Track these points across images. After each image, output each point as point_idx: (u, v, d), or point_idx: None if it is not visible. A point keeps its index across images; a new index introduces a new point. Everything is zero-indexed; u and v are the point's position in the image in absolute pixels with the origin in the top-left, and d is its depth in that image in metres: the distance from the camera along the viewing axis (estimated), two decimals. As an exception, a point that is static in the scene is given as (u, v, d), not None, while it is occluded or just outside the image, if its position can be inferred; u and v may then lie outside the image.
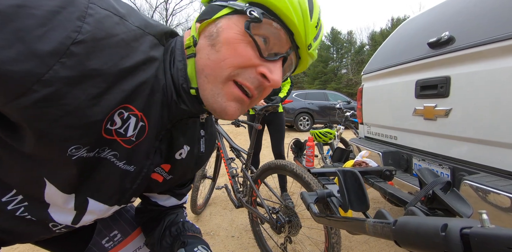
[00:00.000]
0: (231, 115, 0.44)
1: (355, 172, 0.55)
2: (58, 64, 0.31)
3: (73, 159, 0.38)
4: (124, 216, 0.73)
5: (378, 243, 1.77)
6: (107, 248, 0.67)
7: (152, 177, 0.55)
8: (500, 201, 0.88)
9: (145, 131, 0.44)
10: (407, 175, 1.53)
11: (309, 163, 1.91)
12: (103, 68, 0.34)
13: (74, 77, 0.32)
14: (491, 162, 1.07)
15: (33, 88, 0.30)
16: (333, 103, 6.68)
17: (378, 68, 1.90)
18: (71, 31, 0.31)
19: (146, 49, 0.40)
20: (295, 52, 0.46)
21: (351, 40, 29.08)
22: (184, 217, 0.70)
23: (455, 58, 1.23)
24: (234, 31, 0.40)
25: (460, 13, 1.35)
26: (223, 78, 0.41)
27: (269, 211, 1.40)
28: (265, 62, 0.42)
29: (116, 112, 0.39)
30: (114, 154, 0.43)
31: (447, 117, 1.26)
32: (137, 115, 0.41)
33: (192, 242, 0.59)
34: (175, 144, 0.53)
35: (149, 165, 0.49)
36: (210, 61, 0.41)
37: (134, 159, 0.45)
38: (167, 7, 20.47)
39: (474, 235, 0.19)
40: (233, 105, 0.44)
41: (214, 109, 0.44)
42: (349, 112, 3.21)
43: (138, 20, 0.40)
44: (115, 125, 0.40)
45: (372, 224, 0.35)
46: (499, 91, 1.03)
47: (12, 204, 0.43)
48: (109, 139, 0.40)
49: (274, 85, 0.43)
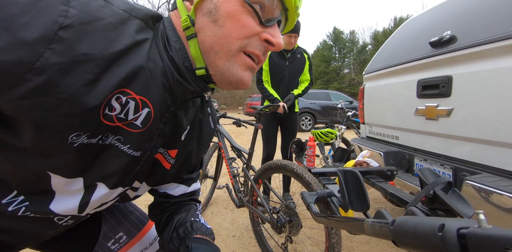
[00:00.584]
0: (247, 84, 0.46)
1: (356, 172, 0.55)
2: (48, 51, 0.30)
3: (75, 146, 0.37)
4: (129, 217, 0.72)
5: (379, 243, 1.76)
6: (113, 250, 0.67)
7: (158, 159, 0.54)
8: (503, 202, 0.87)
9: (151, 116, 0.44)
10: (408, 175, 1.52)
11: (310, 162, 1.90)
12: (94, 53, 0.34)
13: (65, 63, 0.32)
14: (493, 162, 1.06)
15: (26, 78, 0.30)
16: (335, 103, 6.67)
17: (379, 68, 1.90)
18: (57, 16, 0.31)
19: (133, 32, 0.39)
20: (285, 14, 0.48)
21: (353, 40, 28.99)
22: (195, 216, 0.67)
23: (457, 58, 1.22)
24: (232, 3, 0.41)
25: (462, 13, 1.34)
26: (234, 52, 0.43)
27: (270, 210, 1.40)
28: (266, 28, 0.44)
29: (113, 97, 0.38)
30: (118, 138, 0.42)
31: (449, 117, 1.26)
32: (136, 99, 0.41)
33: (197, 247, 0.55)
34: (179, 125, 0.53)
35: (152, 147, 0.48)
36: (217, 37, 0.42)
37: (138, 143, 0.45)
38: (169, 7, 20.56)
39: (471, 236, 0.19)
40: (248, 74, 0.46)
41: (230, 82, 0.46)
42: (351, 112, 3.20)
43: (123, 3, 0.40)
44: (115, 111, 0.39)
45: (370, 224, 0.35)
46: (502, 91, 1.02)
47: (13, 205, 0.43)
48: (111, 125, 0.40)
49: (278, 48, 0.45)
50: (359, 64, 25.78)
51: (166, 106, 0.46)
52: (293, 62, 2.32)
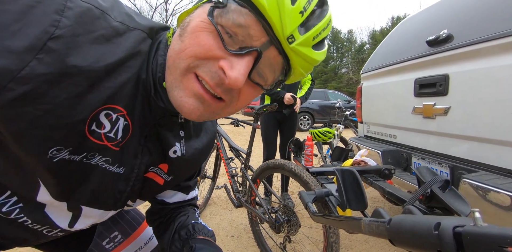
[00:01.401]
0: (187, 113, 0.38)
1: (353, 171, 0.55)
2: (35, 61, 0.29)
3: (54, 161, 0.36)
4: (125, 217, 0.72)
5: (377, 242, 1.76)
6: (108, 249, 0.66)
7: (150, 177, 0.52)
8: (500, 200, 0.87)
9: (129, 129, 0.42)
10: (406, 173, 1.53)
11: (308, 162, 1.90)
12: (83, 65, 0.32)
13: (52, 75, 0.30)
14: (491, 160, 1.06)
15: (8, 87, 0.29)
16: (334, 103, 6.67)
17: (377, 67, 1.90)
18: (49, 26, 0.30)
19: (131, 44, 0.38)
20: (279, 49, 0.37)
21: (351, 39, 29.08)
22: (195, 218, 0.66)
23: (453, 56, 1.22)
24: (199, 19, 0.36)
25: (459, 11, 1.35)
26: (182, 70, 0.37)
27: (268, 210, 1.40)
28: (230, 55, 0.35)
29: (102, 113, 0.37)
30: (107, 160, 0.41)
31: (446, 116, 1.26)
32: (124, 115, 0.40)
33: (201, 247, 0.54)
34: (165, 141, 0.50)
35: (139, 165, 0.46)
36: (173, 51, 0.37)
37: (123, 160, 0.44)
38: (167, 8, 20.51)
39: (467, 234, 0.19)
40: (190, 102, 0.38)
41: (174, 105, 0.39)
42: (349, 111, 3.20)
43: (121, 14, 0.38)
44: (104, 128, 0.38)
45: (367, 223, 0.35)
46: (498, 89, 1.02)
47: (7, 206, 0.42)
48: (99, 143, 0.38)
49: (232, 84, 0.35)
50: (357, 64, 25.84)
51: (145, 120, 0.44)
52: None
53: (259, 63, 0.37)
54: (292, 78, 0.43)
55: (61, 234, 0.50)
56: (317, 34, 0.37)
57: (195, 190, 0.71)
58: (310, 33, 0.36)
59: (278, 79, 0.42)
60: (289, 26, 0.34)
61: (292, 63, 0.39)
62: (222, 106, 0.40)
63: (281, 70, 0.40)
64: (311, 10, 0.36)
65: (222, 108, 0.40)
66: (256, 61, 0.36)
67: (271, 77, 0.40)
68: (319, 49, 0.40)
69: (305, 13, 0.35)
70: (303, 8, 0.35)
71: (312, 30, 0.36)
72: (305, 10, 0.35)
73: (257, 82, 0.39)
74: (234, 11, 0.34)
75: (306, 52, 0.37)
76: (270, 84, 0.42)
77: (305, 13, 0.35)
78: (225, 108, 0.41)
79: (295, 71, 0.41)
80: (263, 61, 0.37)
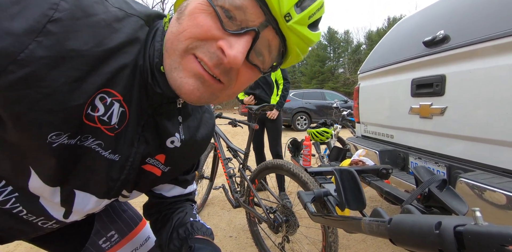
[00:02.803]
0: (187, 93, 0.38)
1: (352, 171, 0.55)
2: (34, 43, 0.29)
3: (53, 146, 0.36)
4: (122, 216, 0.72)
5: (375, 241, 1.77)
6: (104, 248, 0.66)
7: (148, 170, 0.52)
8: (496, 199, 0.88)
9: (126, 116, 0.42)
10: (403, 173, 1.54)
11: (306, 162, 1.91)
12: (83, 49, 0.33)
13: (52, 58, 0.31)
14: (487, 160, 1.07)
15: (9, 69, 0.29)
16: (331, 103, 6.68)
17: (374, 67, 1.91)
18: (47, 9, 0.30)
19: (130, 30, 0.38)
20: (275, 29, 0.37)
21: (348, 40, 29.16)
22: (193, 215, 0.66)
23: (450, 57, 1.23)
24: (198, 1, 0.36)
25: (455, 12, 1.36)
26: (180, 51, 0.37)
27: (267, 210, 1.40)
28: (228, 35, 0.36)
29: (98, 97, 0.37)
30: (99, 143, 0.41)
31: (443, 116, 1.27)
32: (120, 100, 0.40)
33: (200, 247, 0.54)
34: (162, 131, 0.49)
35: (134, 154, 0.46)
36: (171, 34, 0.38)
37: (118, 147, 0.43)
38: (163, 7, 20.45)
39: (468, 233, 0.19)
40: (191, 83, 0.38)
41: (173, 88, 0.39)
42: (346, 111, 3.22)
43: (118, 1, 0.38)
44: (98, 111, 0.38)
45: (367, 223, 0.35)
46: (494, 89, 1.03)
47: (3, 195, 0.42)
48: (92, 126, 0.38)
49: (232, 62, 0.35)
50: (353, 64, 25.95)
51: (142, 108, 0.44)
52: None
53: (256, 43, 0.37)
54: (289, 60, 0.44)
55: (57, 225, 0.50)
56: (312, 13, 0.38)
57: (193, 185, 0.71)
58: (306, 12, 0.37)
59: (275, 61, 0.42)
60: (286, 5, 0.35)
61: (289, 43, 0.39)
62: (221, 88, 0.40)
63: (277, 51, 0.41)
64: None
65: (221, 90, 0.40)
66: (254, 41, 0.37)
67: (269, 58, 0.41)
68: (314, 30, 0.40)
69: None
70: None
71: (308, 10, 0.37)
72: None
73: (255, 64, 0.40)
74: None
75: (302, 31, 0.38)
76: (268, 67, 0.42)
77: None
78: (224, 90, 0.41)
79: (292, 52, 0.41)
80: (260, 42, 0.38)
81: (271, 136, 2.51)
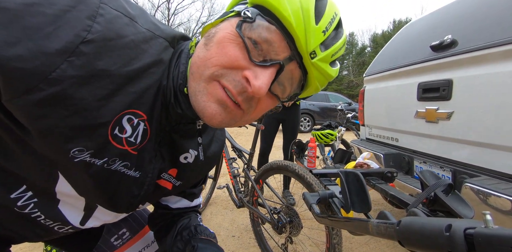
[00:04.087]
0: (209, 117, 0.40)
1: (358, 173, 0.55)
2: (65, 63, 0.31)
3: (76, 161, 0.37)
4: (133, 214, 0.73)
5: (378, 244, 1.77)
6: (116, 246, 0.68)
7: (161, 185, 0.53)
8: (501, 204, 0.88)
9: (147, 134, 0.43)
10: (408, 177, 1.54)
11: (311, 163, 1.91)
12: (112, 69, 0.34)
13: (82, 77, 0.32)
14: (492, 165, 1.07)
15: (40, 87, 0.30)
16: (334, 105, 6.63)
17: (380, 70, 1.91)
18: (81, 30, 0.31)
19: (155, 51, 0.40)
20: (299, 64, 0.40)
21: (352, 42, 29.05)
22: (197, 222, 0.67)
23: (457, 62, 1.23)
24: (227, 31, 0.38)
25: (463, 17, 1.36)
26: (206, 77, 0.39)
27: (271, 211, 1.41)
28: (254, 66, 0.38)
29: (125, 118, 0.38)
30: (125, 165, 0.42)
31: (449, 120, 1.27)
32: (145, 120, 0.41)
33: (203, 247, 0.55)
34: (177, 147, 0.51)
35: (153, 169, 0.48)
36: (198, 58, 0.39)
37: (139, 164, 0.45)
38: (169, 7, 20.46)
39: (478, 235, 0.20)
40: (213, 107, 0.39)
41: (196, 110, 0.41)
42: (351, 114, 3.21)
43: (147, 22, 0.40)
44: (125, 133, 0.39)
45: (375, 225, 0.36)
46: (501, 95, 1.03)
47: (22, 200, 0.43)
48: (120, 148, 0.39)
49: (256, 92, 0.37)
50: (357, 66, 25.84)
51: (161, 126, 0.45)
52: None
53: (280, 75, 0.39)
54: (307, 91, 0.46)
55: (72, 231, 0.51)
56: (334, 52, 0.41)
57: (199, 198, 0.72)
58: (330, 50, 0.40)
59: (294, 92, 0.44)
60: (313, 43, 0.38)
61: (310, 77, 0.42)
62: (241, 114, 0.42)
63: (298, 83, 0.43)
64: (332, 31, 0.40)
65: (241, 116, 0.42)
66: (278, 73, 0.39)
67: (289, 89, 0.43)
68: (334, 66, 0.43)
69: (327, 32, 0.39)
70: (325, 28, 0.39)
71: (331, 48, 0.40)
72: (327, 30, 0.39)
73: (275, 94, 0.42)
74: (261, 26, 0.37)
75: (325, 67, 0.41)
76: (287, 97, 0.44)
77: (327, 32, 0.39)
78: (243, 116, 0.43)
79: (311, 85, 0.43)
80: (284, 74, 0.40)
81: (287, 137, 2.47)
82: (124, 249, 0.68)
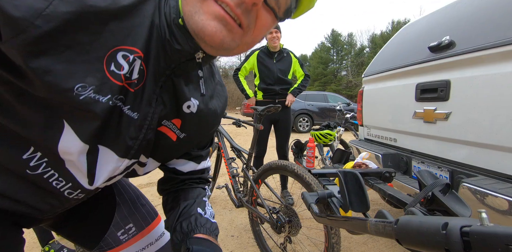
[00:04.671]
0: (211, 34, 0.39)
1: (356, 173, 0.56)
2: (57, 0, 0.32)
3: (81, 98, 0.38)
4: (141, 210, 0.74)
5: (376, 244, 1.78)
6: (122, 240, 0.68)
7: (164, 132, 0.53)
8: (498, 204, 0.89)
9: (144, 75, 0.43)
10: (406, 177, 1.55)
11: (310, 163, 1.92)
12: (101, 5, 0.36)
13: (72, 13, 0.33)
14: (490, 165, 1.08)
15: (35, 24, 0.32)
16: (333, 105, 6.65)
17: (379, 70, 1.92)
18: None
19: None
20: None
21: (351, 42, 29.11)
22: (202, 204, 0.64)
23: (455, 63, 1.24)
24: None
25: (461, 18, 1.37)
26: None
27: (270, 211, 1.41)
28: None
29: (119, 54, 0.39)
30: (121, 98, 0.42)
31: (447, 121, 1.28)
32: (141, 57, 0.42)
33: (198, 249, 0.52)
34: (179, 94, 0.51)
35: (152, 114, 0.47)
36: None
37: (136, 104, 0.45)
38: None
39: (474, 233, 0.20)
40: (213, 24, 0.38)
41: (196, 33, 0.40)
42: (349, 114, 3.22)
43: None
44: (123, 70, 0.40)
45: (374, 223, 0.36)
46: (499, 96, 1.04)
47: (34, 160, 0.43)
48: (119, 85, 0.40)
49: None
50: (356, 67, 25.90)
51: (159, 68, 0.45)
52: (280, 61, 2.46)
53: None
54: (302, 6, 0.45)
55: (82, 195, 0.51)
56: None
57: (207, 161, 0.71)
58: None
59: (289, 6, 0.44)
60: None
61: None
62: (241, 34, 0.41)
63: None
64: None
65: (241, 36, 0.41)
66: None
67: (284, 2, 0.42)
68: None
69: None
70: None
71: None
72: None
73: (271, 7, 0.41)
74: None
75: None
76: (283, 12, 0.44)
77: None
78: (243, 36, 0.42)
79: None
80: None
81: (280, 137, 2.47)
82: (129, 245, 0.69)
